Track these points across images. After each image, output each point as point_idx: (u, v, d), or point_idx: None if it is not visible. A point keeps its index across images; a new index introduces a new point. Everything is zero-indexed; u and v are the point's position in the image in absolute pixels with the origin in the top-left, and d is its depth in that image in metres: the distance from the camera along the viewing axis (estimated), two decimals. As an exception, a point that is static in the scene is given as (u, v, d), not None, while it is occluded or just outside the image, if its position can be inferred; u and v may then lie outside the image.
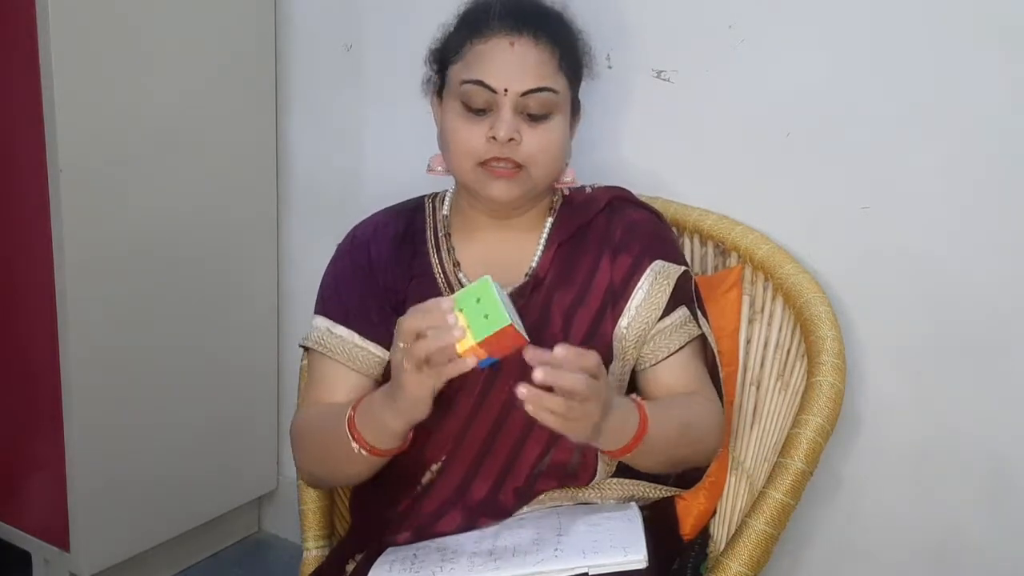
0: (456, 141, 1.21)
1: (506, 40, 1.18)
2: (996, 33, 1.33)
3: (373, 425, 1.12)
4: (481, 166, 1.20)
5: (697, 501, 1.38)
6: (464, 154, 1.20)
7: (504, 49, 1.18)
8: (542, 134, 1.20)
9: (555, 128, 1.21)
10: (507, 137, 1.17)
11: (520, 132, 1.18)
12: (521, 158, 1.19)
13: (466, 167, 1.21)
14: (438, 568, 1.11)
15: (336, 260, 1.32)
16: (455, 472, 1.23)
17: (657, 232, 1.31)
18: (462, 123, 1.20)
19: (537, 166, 1.20)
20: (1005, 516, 1.44)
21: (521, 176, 1.20)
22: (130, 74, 1.73)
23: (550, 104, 1.20)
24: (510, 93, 1.17)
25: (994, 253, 1.39)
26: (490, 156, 1.19)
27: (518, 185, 1.21)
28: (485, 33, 1.20)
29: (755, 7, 1.50)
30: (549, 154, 1.21)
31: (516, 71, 1.18)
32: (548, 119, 1.20)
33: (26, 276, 1.77)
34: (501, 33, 1.19)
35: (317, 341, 1.27)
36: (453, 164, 1.23)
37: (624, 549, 1.08)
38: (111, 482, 1.83)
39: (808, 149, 1.49)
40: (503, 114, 1.17)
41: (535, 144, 1.19)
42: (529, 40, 1.19)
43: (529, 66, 1.18)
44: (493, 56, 1.18)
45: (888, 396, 1.49)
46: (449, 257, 1.29)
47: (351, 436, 1.13)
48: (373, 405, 1.12)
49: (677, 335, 1.26)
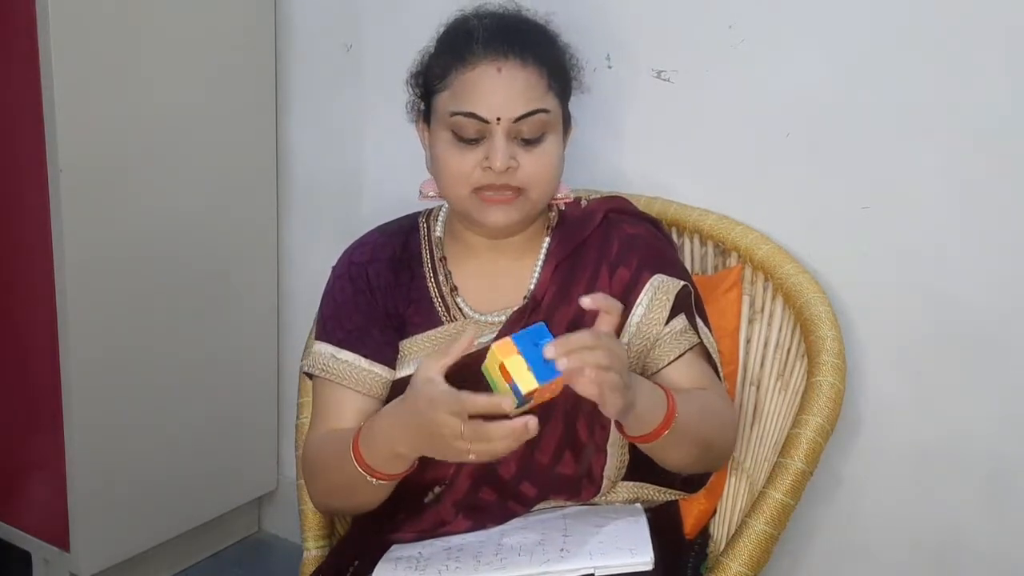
0: (449, 171, 1.19)
1: (493, 67, 1.16)
2: (996, 33, 1.33)
3: (379, 451, 1.11)
4: (476, 193, 1.19)
5: (697, 501, 1.38)
6: (458, 183, 1.19)
7: (492, 76, 1.16)
8: (538, 156, 1.18)
9: (550, 148, 1.20)
10: (504, 167, 1.16)
11: (516, 157, 1.17)
12: (519, 183, 1.18)
13: (461, 195, 1.20)
14: (444, 567, 1.11)
15: (334, 284, 1.31)
16: (459, 489, 1.23)
17: (655, 245, 1.30)
18: (454, 153, 1.18)
19: (535, 189, 1.19)
20: (1005, 516, 1.44)
21: (519, 200, 1.19)
22: (130, 74, 1.73)
23: (543, 125, 1.18)
24: (503, 121, 1.16)
25: (994, 253, 1.39)
26: (486, 184, 1.18)
27: (517, 210, 1.20)
28: (470, 60, 1.17)
29: (755, 7, 1.50)
30: (547, 176, 1.20)
31: (506, 98, 1.16)
32: (542, 140, 1.19)
33: (26, 276, 1.77)
34: (487, 59, 1.17)
35: (323, 368, 1.26)
36: (447, 193, 1.22)
37: (631, 550, 1.08)
38: (111, 482, 1.83)
39: (808, 149, 1.49)
40: (497, 143, 1.16)
41: (532, 167, 1.18)
42: (516, 63, 1.17)
43: (518, 91, 1.16)
44: (481, 85, 1.16)
45: (888, 396, 1.49)
46: (446, 282, 1.28)
47: (356, 463, 1.12)
48: (379, 431, 1.12)
49: (677, 342, 1.26)
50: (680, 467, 1.23)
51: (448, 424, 1.01)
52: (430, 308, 1.27)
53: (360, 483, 1.14)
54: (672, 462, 1.21)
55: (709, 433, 1.20)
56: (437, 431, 1.03)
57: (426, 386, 1.04)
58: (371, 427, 1.13)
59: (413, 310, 1.27)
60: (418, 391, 1.05)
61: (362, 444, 1.13)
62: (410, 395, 1.07)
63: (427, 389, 1.03)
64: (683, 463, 1.22)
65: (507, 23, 1.21)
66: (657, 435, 1.11)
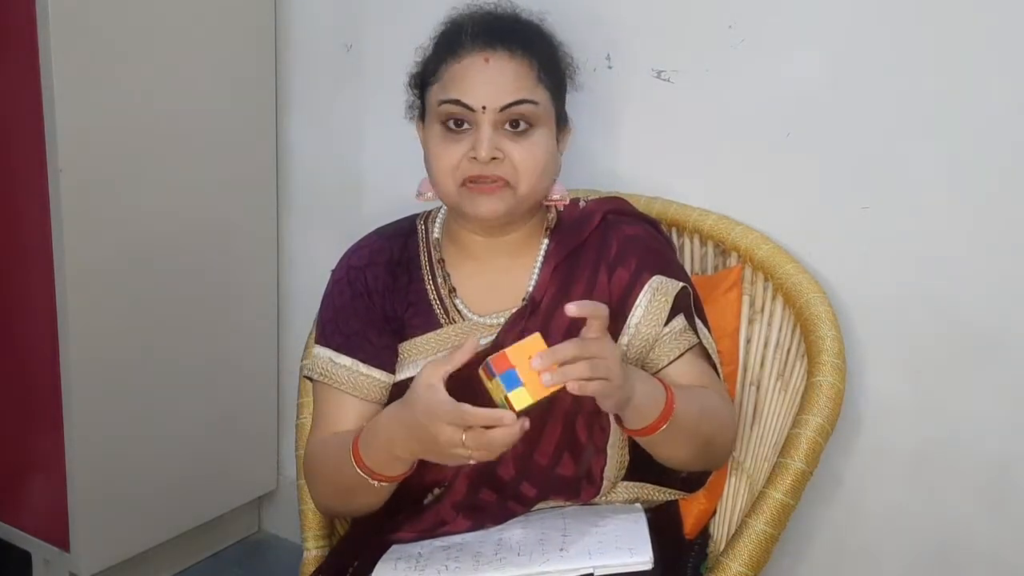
0: (438, 162, 1.20)
1: (480, 57, 1.17)
2: (996, 33, 1.33)
3: (379, 454, 1.13)
4: (464, 185, 1.19)
5: (697, 501, 1.38)
6: (446, 174, 1.19)
7: (479, 66, 1.17)
8: (526, 148, 1.18)
9: (539, 141, 1.19)
10: (488, 156, 1.16)
11: (503, 148, 1.17)
12: (505, 173, 1.18)
13: (450, 188, 1.20)
14: (443, 567, 1.11)
15: (332, 288, 1.31)
16: (458, 490, 1.23)
17: (654, 246, 1.30)
18: (443, 144, 1.19)
19: (522, 181, 1.19)
20: (1005, 516, 1.44)
21: (506, 192, 1.19)
22: (130, 74, 1.73)
23: (531, 116, 1.18)
24: (488, 110, 1.16)
25: (994, 253, 1.39)
26: (473, 174, 1.18)
27: (503, 201, 1.19)
28: (459, 52, 1.19)
29: (755, 7, 1.50)
30: (534, 168, 1.19)
31: (492, 87, 1.16)
32: (531, 132, 1.19)
33: (26, 276, 1.77)
34: (475, 50, 1.18)
35: (322, 372, 1.27)
36: (439, 189, 1.22)
37: (630, 550, 1.08)
38: (111, 482, 1.83)
39: (808, 149, 1.49)
40: (482, 132, 1.16)
41: (519, 158, 1.18)
42: (504, 54, 1.17)
43: (506, 80, 1.17)
44: (469, 74, 1.17)
45: (888, 396, 1.49)
46: (445, 284, 1.28)
47: (356, 466, 1.13)
48: (378, 434, 1.13)
49: (677, 342, 1.26)
50: (679, 463, 1.24)
51: (447, 434, 1.03)
52: (429, 310, 1.27)
53: (360, 485, 1.15)
54: (671, 458, 1.21)
55: (708, 429, 1.21)
56: (435, 439, 1.04)
57: (427, 393, 1.05)
58: (371, 430, 1.14)
59: (412, 312, 1.28)
60: (418, 397, 1.06)
61: (362, 447, 1.14)
62: (410, 400, 1.08)
63: (428, 397, 1.05)
64: (682, 459, 1.22)
65: (498, 17, 1.23)
66: (655, 428, 1.11)
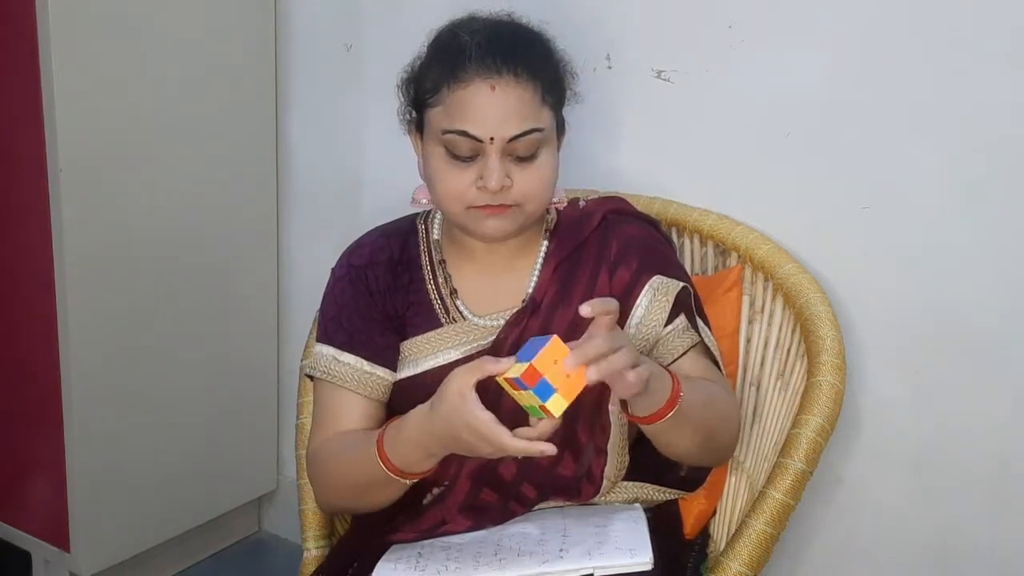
0: (443, 186, 1.19)
1: (486, 84, 1.14)
2: (996, 32, 1.33)
3: (410, 454, 1.13)
4: (470, 208, 1.19)
5: (697, 501, 1.38)
6: (453, 199, 1.19)
7: (485, 94, 1.14)
8: (533, 172, 1.18)
9: (545, 162, 1.19)
10: (499, 187, 1.15)
11: (511, 175, 1.16)
12: (514, 200, 1.18)
13: (456, 211, 1.20)
14: (443, 567, 1.11)
15: (334, 286, 1.31)
16: (459, 491, 1.23)
17: (654, 246, 1.30)
18: (448, 170, 1.18)
19: (531, 203, 1.19)
20: (1005, 516, 1.44)
21: (514, 212, 1.19)
22: (130, 74, 1.73)
23: (537, 142, 1.17)
24: (496, 141, 1.15)
25: (994, 253, 1.39)
26: (481, 204, 1.17)
27: (511, 221, 1.19)
28: (462, 77, 1.15)
29: (755, 7, 1.50)
30: (542, 190, 1.19)
31: (500, 117, 1.14)
32: (537, 155, 1.18)
33: (26, 276, 1.77)
34: (480, 76, 1.15)
35: (325, 370, 1.26)
36: (443, 207, 1.22)
37: (630, 551, 1.08)
38: (111, 482, 1.83)
39: (808, 149, 1.49)
40: (491, 163, 1.15)
41: (527, 184, 1.17)
42: (509, 79, 1.15)
43: (512, 109, 1.15)
44: (474, 103, 1.15)
45: (888, 396, 1.49)
46: (446, 285, 1.28)
47: (384, 467, 1.14)
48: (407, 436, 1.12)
49: (679, 340, 1.26)
50: (683, 455, 1.23)
51: (480, 448, 1.06)
52: (430, 310, 1.27)
53: (381, 484, 1.16)
54: (675, 448, 1.20)
55: (712, 421, 1.20)
56: (471, 447, 1.07)
57: (459, 401, 1.05)
58: (398, 431, 1.14)
59: (412, 312, 1.28)
60: (451, 406, 1.06)
61: (387, 447, 1.14)
62: (438, 403, 1.08)
63: (462, 407, 1.05)
64: (686, 450, 1.21)
65: (499, 35, 1.19)
66: (661, 416, 1.11)
